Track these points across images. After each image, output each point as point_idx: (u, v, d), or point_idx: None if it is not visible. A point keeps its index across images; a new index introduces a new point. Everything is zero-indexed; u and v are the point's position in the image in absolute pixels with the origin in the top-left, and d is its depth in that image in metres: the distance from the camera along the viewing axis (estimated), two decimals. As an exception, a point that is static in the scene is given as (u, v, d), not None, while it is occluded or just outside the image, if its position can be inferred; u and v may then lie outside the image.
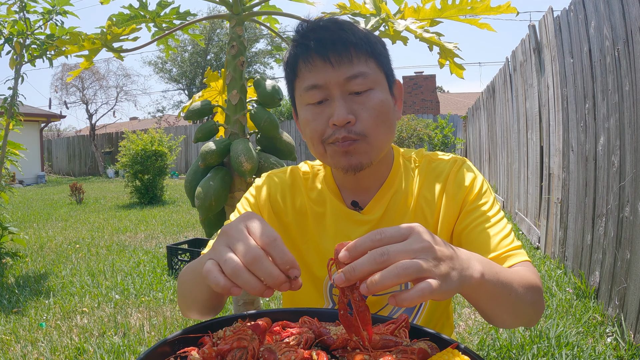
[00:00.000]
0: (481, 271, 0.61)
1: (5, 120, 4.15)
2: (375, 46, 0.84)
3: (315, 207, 0.95)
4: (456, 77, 1.33)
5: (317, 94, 0.83)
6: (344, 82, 0.81)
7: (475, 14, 1.21)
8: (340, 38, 0.81)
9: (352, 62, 0.81)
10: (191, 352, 0.62)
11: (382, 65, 0.85)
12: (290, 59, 0.86)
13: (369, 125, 0.82)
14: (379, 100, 0.83)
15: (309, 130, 0.85)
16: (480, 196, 0.89)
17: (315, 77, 0.82)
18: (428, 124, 12.26)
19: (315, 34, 0.82)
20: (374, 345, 0.64)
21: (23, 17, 3.87)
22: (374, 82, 0.83)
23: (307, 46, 0.82)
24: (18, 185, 14.38)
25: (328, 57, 0.80)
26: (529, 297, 0.73)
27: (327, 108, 0.83)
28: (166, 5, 1.86)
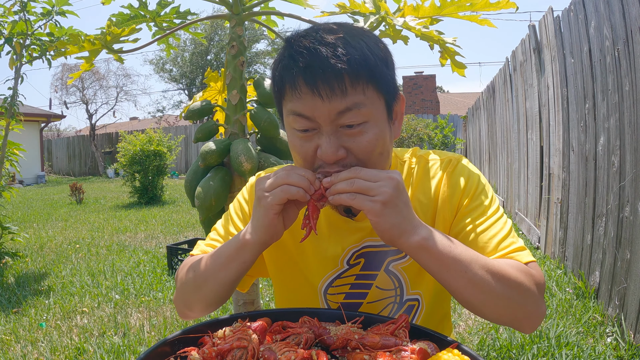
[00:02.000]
0: (424, 237, 0.70)
1: (5, 120, 4.15)
2: (375, 70, 0.74)
3: None
4: (457, 75, 1.33)
5: (305, 122, 0.75)
6: (335, 117, 0.73)
7: (474, 10, 1.21)
8: (332, 67, 0.70)
9: (346, 93, 0.71)
10: (191, 352, 0.62)
11: (382, 90, 0.76)
12: (277, 78, 0.78)
13: (360, 159, 0.76)
14: (373, 135, 0.75)
15: (297, 156, 0.80)
16: (476, 196, 0.84)
17: (302, 106, 0.74)
18: (428, 124, 12.26)
19: (304, 58, 0.72)
20: (374, 345, 0.64)
21: (23, 17, 3.87)
22: (369, 115, 0.74)
23: (294, 71, 0.73)
24: (18, 185, 14.38)
25: (317, 89, 0.71)
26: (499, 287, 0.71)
27: (314, 137, 0.76)
28: (166, 5, 1.86)
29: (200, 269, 0.84)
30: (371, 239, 0.89)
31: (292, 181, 0.72)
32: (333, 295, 0.91)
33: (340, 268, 0.90)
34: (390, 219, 0.69)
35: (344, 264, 0.90)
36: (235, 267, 0.80)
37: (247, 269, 0.81)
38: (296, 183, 0.72)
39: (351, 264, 0.90)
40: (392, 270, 0.89)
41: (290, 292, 0.98)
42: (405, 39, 1.45)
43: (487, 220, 0.82)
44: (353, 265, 0.90)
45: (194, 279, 0.84)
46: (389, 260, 0.88)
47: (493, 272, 0.72)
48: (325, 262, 0.91)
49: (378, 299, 0.90)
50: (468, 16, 1.24)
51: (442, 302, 0.96)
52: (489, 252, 0.79)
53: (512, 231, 0.82)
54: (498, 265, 0.73)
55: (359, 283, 0.90)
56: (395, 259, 0.88)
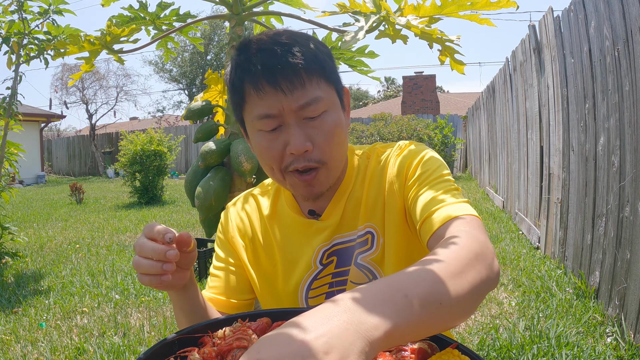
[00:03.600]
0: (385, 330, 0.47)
1: (4, 120, 4.15)
2: (325, 64, 0.81)
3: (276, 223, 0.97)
4: (457, 75, 1.33)
5: (271, 122, 0.79)
6: (297, 109, 0.78)
7: (474, 10, 1.21)
8: (290, 63, 0.76)
9: (305, 87, 0.77)
10: (191, 352, 0.62)
11: (332, 82, 0.82)
12: (237, 83, 0.81)
13: (326, 151, 0.81)
14: (333, 122, 0.81)
15: (266, 157, 0.83)
16: (420, 165, 0.83)
17: (267, 105, 0.78)
18: (428, 124, 12.26)
19: (261, 58, 0.77)
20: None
21: (20, 17, 3.87)
22: (327, 104, 0.80)
23: (254, 72, 0.77)
24: (18, 185, 14.38)
25: (279, 84, 0.76)
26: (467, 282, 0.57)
27: (281, 134, 0.80)
28: (166, 7, 1.85)
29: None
30: (340, 236, 0.91)
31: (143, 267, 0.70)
32: (314, 299, 0.93)
33: (314, 269, 0.92)
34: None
35: (317, 264, 0.92)
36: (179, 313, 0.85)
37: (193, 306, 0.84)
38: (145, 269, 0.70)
39: (324, 263, 0.92)
40: (361, 263, 0.90)
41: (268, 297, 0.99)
42: (405, 38, 1.45)
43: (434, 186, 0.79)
44: (326, 264, 0.92)
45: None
46: (357, 253, 0.90)
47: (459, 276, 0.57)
48: (299, 267, 0.93)
49: None
50: (468, 15, 1.23)
51: None
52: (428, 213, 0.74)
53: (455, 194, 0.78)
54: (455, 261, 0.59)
55: (336, 281, 0.92)
56: (362, 251, 0.90)
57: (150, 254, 0.68)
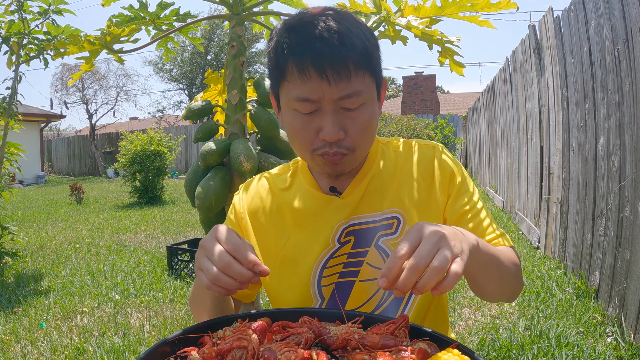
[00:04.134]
0: (476, 239, 0.71)
1: (4, 120, 4.15)
2: (373, 58, 0.82)
3: (294, 202, 0.96)
4: (456, 74, 1.34)
5: (309, 106, 0.80)
6: (338, 99, 0.79)
7: (475, 11, 1.21)
8: (340, 55, 0.76)
9: (350, 80, 0.78)
10: (191, 352, 0.62)
11: (375, 75, 0.83)
12: (281, 60, 0.80)
13: (357, 141, 0.83)
14: (368, 116, 0.83)
15: (298, 139, 0.85)
16: (464, 184, 0.93)
17: (309, 90, 0.78)
18: (428, 124, 12.27)
19: (313, 45, 0.76)
20: (374, 345, 0.64)
21: (20, 17, 3.87)
22: (366, 98, 0.82)
23: (303, 55, 0.77)
24: (18, 185, 14.38)
25: (326, 74, 0.76)
26: (512, 273, 0.82)
27: (316, 119, 0.81)
28: (166, 7, 1.86)
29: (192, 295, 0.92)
30: (356, 217, 0.92)
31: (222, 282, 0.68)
32: (327, 277, 0.93)
33: (332, 247, 0.93)
34: (466, 252, 0.65)
35: (335, 242, 0.92)
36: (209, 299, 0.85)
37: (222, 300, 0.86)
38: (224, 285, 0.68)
39: (342, 242, 0.93)
40: (382, 246, 0.91)
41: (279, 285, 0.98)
42: (404, 39, 1.45)
43: (475, 205, 0.91)
44: (344, 243, 0.93)
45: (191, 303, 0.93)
46: (379, 235, 0.91)
47: (510, 261, 0.82)
48: (316, 244, 0.93)
49: (370, 278, 0.91)
50: (468, 17, 1.24)
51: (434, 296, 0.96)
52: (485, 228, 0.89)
53: (492, 218, 0.93)
54: (509, 254, 0.84)
55: (351, 261, 0.92)
56: (386, 234, 0.91)
57: (235, 276, 0.67)
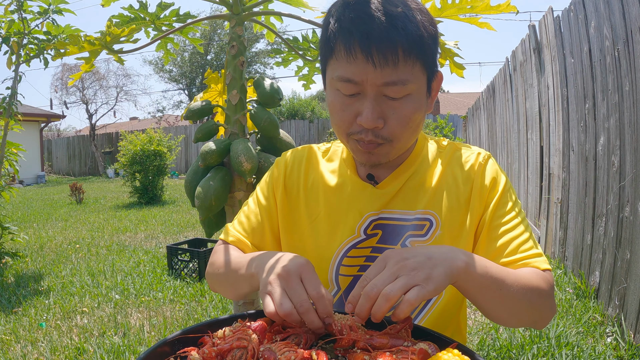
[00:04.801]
0: (466, 261, 0.68)
1: (4, 120, 4.15)
2: (427, 49, 0.76)
3: (332, 179, 0.95)
4: (456, 76, 1.33)
5: (351, 87, 0.77)
6: (382, 85, 0.75)
7: (475, 13, 1.21)
8: (390, 37, 0.72)
9: (397, 66, 0.74)
10: (191, 352, 0.62)
11: (427, 67, 0.78)
12: (331, 37, 0.77)
13: (396, 131, 0.79)
14: (412, 108, 0.78)
15: (336, 119, 0.82)
16: (504, 195, 0.87)
17: (352, 71, 0.75)
18: (428, 124, 12.26)
19: (363, 24, 0.73)
20: (383, 346, 0.64)
21: (20, 16, 3.87)
22: (412, 89, 0.77)
23: (352, 34, 0.74)
24: (18, 185, 14.38)
25: (372, 56, 0.73)
26: (527, 299, 0.74)
27: (357, 102, 0.78)
28: (166, 7, 1.85)
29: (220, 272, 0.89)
30: (387, 211, 0.89)
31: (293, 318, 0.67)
32: (347, 267, 0.90)
33: (357, 236, 0.90)
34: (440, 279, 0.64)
35: (361, 232, 0.90)
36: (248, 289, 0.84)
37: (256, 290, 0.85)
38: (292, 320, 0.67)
39: (369, 233, 0.90)
40: (409, 246, 0.87)
41: None
42: (405, 39, 1.44)
43: (512, 220, 0.85)
44: (370, 235, 0.90)
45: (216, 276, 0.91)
46: (408, 235, 0.88)
47: (522, 286, 0.74)
48: (343, 229, 0.91)
49: None
50: (468, 19, 1.24)
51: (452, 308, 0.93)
52: (509, 252, 0.82)
53: (532, 235, 0.85)
54: (525, 278, 0.76)
55: (374, 256, 0.89)
56: (415, 234, 0.88)
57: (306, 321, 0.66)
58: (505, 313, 0.75)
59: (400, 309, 0.61)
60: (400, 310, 0.61)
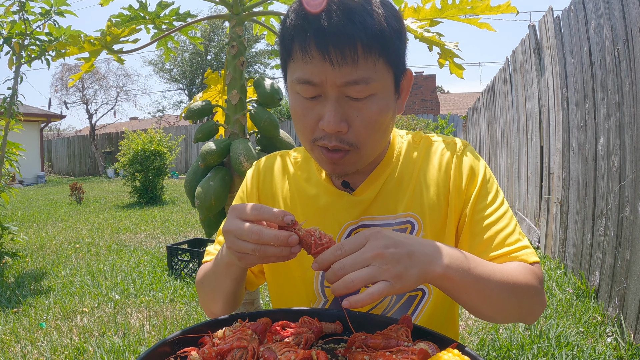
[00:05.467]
0: (446, 264, 0.65)
1: (4, 120, 4.15)
2: (390, 43, 0.71)
3: (307, 189, 0.90)
4: (456, 77, 1.33)
5: (310, 90, 0.72)
6: (342, 85, 0.70)
7: (475, 14, 1.22)
8: (348, 33, 0.67)
9: (357, 64, 0.69)
10: (191, 352, 0.62)
11: (392, 64, 0.73)
12: (286, 37, 0.73)
13: (362, 135, 0.74)
14: (378, 108, 0.73)
15: (299, 125, 0.78)
16: (484, 185, 0.83)
17: (310, 72, 0.70)
18: (428, 124, 12.27)
19: (317, 20, 0.68)
20: (377, 346, 0.64)
21: (22, 17, 3.88)
22: (376, 88, 0.72)
23: (305, 32, 0.69)
24: (18, 185, 14.38)
25: (329, 54, 0.68)
26: (513, 296, 0.72)
27: (318, 105, 0.73)
28: (166, 6, 1.86)
29: (205, 280, 0.87)
30: (367, 217, 0.85)
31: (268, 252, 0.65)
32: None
33: None
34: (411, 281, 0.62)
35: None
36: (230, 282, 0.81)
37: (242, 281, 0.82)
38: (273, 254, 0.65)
39: None
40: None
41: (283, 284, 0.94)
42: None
43: (495, 212, 0.81)
44: None
45: (204, 289, 0.88)
46: None
47: (508, 283, 0.71)
48: None
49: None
50: (468, 19, 1.24)
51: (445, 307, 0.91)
52: (495, 246, 0.79)
53: (517, 226, 0.82)
54: (511, 274, 0.73)
55: None
56: None
57: (272, 242, 0.63)
58: (490, 311, 0.72)
59: (358, 298, 0.58)
60: (357, 299, 0.58)
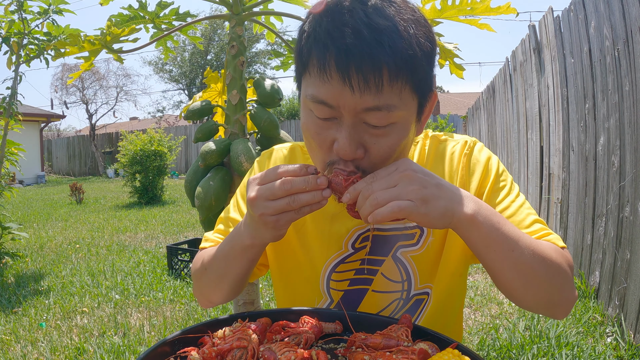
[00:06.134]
0: (474, 210, 0.63)
1: (4, 120, 4.15)
2: (418, 70, 0.64)
3: None
4: (456, 77, 1.33)
5: (325, 111, 0.66)
6: (362, 111, 0.64)
7: (475, 15, 1.22)
8: (373, 56, 0.60)
9: (382, 91, 0.61)
10: (191, 352, 0.62)
11: (417, 90, 0.66)
12: (304, 50, 0.66)
13: (377, 164, 0.68)
14: (397, 138, 0.67)
15: (311, 143, 0.72)
16: (499, 178, 0.81)
17: (327, 93, 0.64)
18: (428, 124, 12.27)
19: (342, 38, 0.61)
20: (376, 346, 0.64)
21: (20, 17, 3.87)
22: (399, 117, 0.65)
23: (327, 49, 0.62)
24: (18, 185, 14.38)
25: (350, 77, 0.60)
26: (544, 267, 0.67)
27: (333, 127, 0.67)
28: (166, 6, 1.86)
29: (211, 265, 0.83)
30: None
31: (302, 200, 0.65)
32: (337, 282, 0.86)
33: (344, 251, 0.86)
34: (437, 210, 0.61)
35: (348, 246, 0.85)
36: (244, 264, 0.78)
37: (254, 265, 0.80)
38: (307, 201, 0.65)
39: (356, 247, 0.85)
40: (400, 257, 0.84)
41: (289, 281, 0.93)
42: (405, 39, 1.45)
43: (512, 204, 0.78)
44: (358, 249, 0.85)
45: (207, 275, 0.84)
46: (399, 245, 0.84)
47: (537, 252, 0.67)
48: (329, 245, 0.86)
49: (384, 290, 0.85)
50: (468, 20, 1.24)
51: (455, 301, 0.91)
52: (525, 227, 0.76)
53: (538, 216, 0.80)
54: (542, 246, 0.69)
55: (363, 269, 0.86)
56: (406, 244, 0.83)
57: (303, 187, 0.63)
58: (518, 280, 0.67)
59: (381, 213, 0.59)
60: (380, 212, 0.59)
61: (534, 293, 0.68)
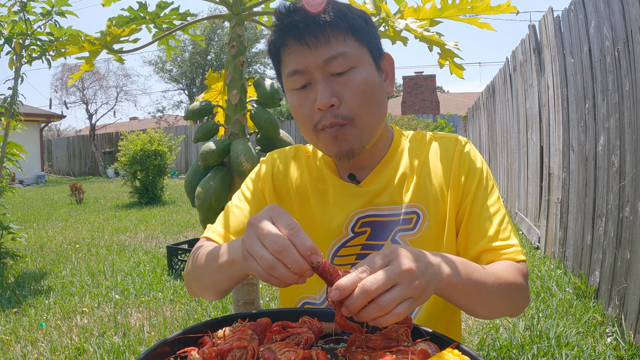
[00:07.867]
0: (449, 273, 0.67)
1: (5, 120, 4.16)
2: (354, 22, 0.82)
3: (317, 184, 0.95)
4: (456, 77, 1.33)
5: (300, 79, 0.82)
6: (323, 64, 0.80)
7: (475, 14, 1.21)
8: (314, 19, 0.79)
9: (330, 42, 0.79)
10: (191, 352, 0.62)
11: (363, 41, 0.83)
12: (271, 45, 0.86)
13: (353, 106, 0.81)
14: (361, 78, 0.81)
15: (299, 116, 0.85)
16: (482, 180, 0.88)
17: (294, 61, 0.81)
18: (428, 124, 12.27)
19: (290, 17, 0.81)
20: (377, 346, 0.64)
21: (23, 17, 3.88)
22: (355, 61, 0.81)
23: (282, 31, 0.82)
24: (18, 185, 14.37)
25: (304, 39, 0.79)
26: (505, 295, 0.76)
27: (311, 92, 0.82)
28: (166, 6, 1.86)
29: (199, 264, 0.83)
30: (374, 207, 0.90)
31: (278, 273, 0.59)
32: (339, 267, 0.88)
33: (345, 235, 0.90)
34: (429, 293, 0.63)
35: (348, 230, 0.90)
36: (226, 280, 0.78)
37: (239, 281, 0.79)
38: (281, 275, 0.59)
39: (356, 231, 0.90)
40: (399, 240, 0.88)
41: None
42: (405, 40, 1.45)
43: (490, 208, 0.86)
44: (358, 233, 0.90)
45: (194, 271, 0.85)
46: (397, 230, 0.88)
47: (501, 283, 0.76)
48: (330, 230, 0.91)
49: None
50: (468, 19, 1.24)
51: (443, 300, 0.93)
52: (487, 240, 0.84)
53: (509, 224, 0.87)
54: (503, 274, 0.77)
55: (364, 253, 0.89)
56: (404, 229, 0.88)
57: (290, 263, 0.58)
58: (486, 311, 0.77)
59: (386, 319, 0.58)
60: (386, 319, 0.58)
61: (495, 314, 0.79)
